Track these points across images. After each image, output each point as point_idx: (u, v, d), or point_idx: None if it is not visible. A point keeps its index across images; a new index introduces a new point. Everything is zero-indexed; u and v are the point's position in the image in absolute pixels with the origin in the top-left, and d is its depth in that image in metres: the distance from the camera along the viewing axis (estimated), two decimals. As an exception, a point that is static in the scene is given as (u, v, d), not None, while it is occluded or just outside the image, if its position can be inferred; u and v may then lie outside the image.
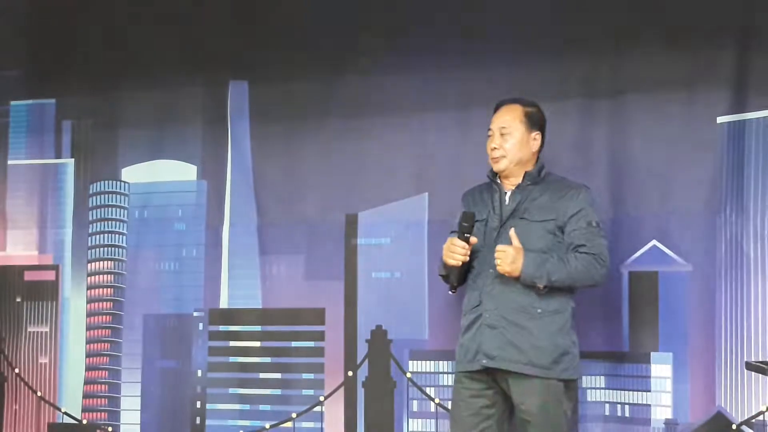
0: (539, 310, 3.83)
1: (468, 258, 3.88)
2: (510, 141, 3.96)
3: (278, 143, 5.01)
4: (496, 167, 3.98)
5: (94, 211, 5.29)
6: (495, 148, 3.96)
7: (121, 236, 5.25)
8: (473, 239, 3.87)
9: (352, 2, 4.90)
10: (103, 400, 5.24)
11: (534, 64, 4.57)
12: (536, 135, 4.00)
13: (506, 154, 3.96)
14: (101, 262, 5.28)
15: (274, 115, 5.02)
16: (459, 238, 3.87)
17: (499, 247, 3.82)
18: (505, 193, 3.98)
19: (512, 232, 3.84)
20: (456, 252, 3.87)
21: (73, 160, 5.35)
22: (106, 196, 5.28)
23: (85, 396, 5.27)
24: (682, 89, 4.36)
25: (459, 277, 3.93)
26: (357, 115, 4.88)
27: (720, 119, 4.30)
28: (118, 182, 5.27)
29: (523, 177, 3.97)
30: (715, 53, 4.31)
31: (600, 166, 4.48)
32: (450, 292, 3.98)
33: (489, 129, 4.01)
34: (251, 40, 5.04)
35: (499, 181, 4.00)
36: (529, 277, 3.79)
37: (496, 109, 4.04)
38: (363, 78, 4.85)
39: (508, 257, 3.78)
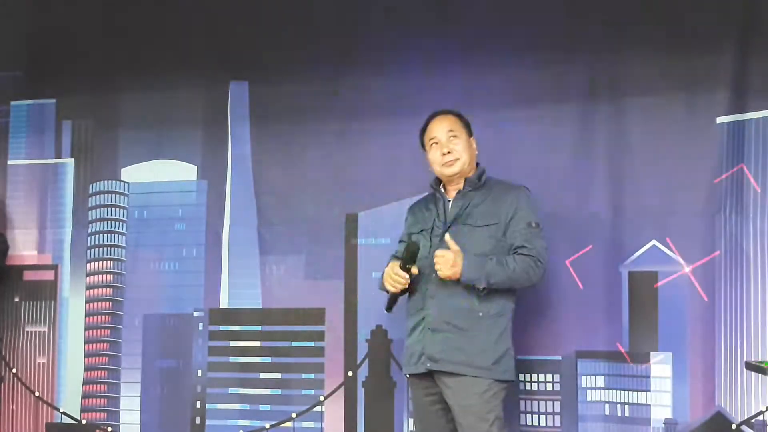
0: (481, 314, 3.92)
1: (407, 287, 3.98)
2: (459, 144, 4.09)
3: (278, 143, 5.02)
4: (450, 171, 4.07)
5: (94, 211, 5.29)
6: (448, 152, 4.06)
7: (120, 236, 5.25)
8: (414, 270, 3.97)
9: (352, 3, 4.91)
10: (102, 400, 5.23)
11: (534, 66, 4.59)
12: (473, 140, 4.14)
13: (459, 156, 4.08)
14: (101, 262, 5.27)
15: (274, 116, 5.03)
16: (401, 268, 3.94)
17: (438, 252, 3.90)
18: (449, 201, 4.09)
19: (447, 237, 3.93)
20: (397, 282, 3.95)
21: (72, 160, 5.34)
22: (106, 195, 5.28)
23: (85, 396, 5.26)
24: (682, 90, 4.38)
25: (395, 301, 4.03)
26: (357, 115, 4.88)
27: (720, 119, 4.32)
28: (118, 182, 5.27)
29: (464, 183, 4.07)
30: (714, 54, 4.33)
31: (600, 166, 4.49)
32: (385, 311, 4.07)
33: (431, 139, 4.10)
34: (251, 40, 5.05)
35: (442, 190, 4.11)
36: (469, 279, 3.87)
37: (430, 120, 4.15)
38: (363, 78, 4.86)
39: (448, 261, 3.87)
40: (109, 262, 5.26)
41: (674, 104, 4.39)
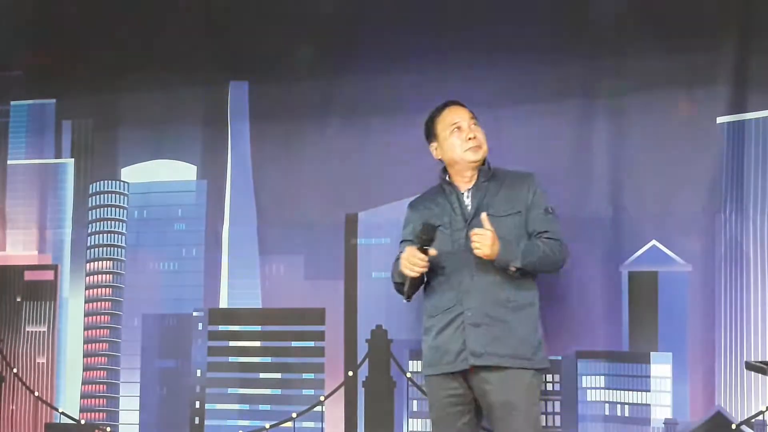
0: (517, 304, 3.88)
1: (427, 269, 3.87)
2: (481, 131, 4.04)
3: (278, 143, 5.02)
4: (475, 156, 3.98)
5: (94, 211, 5.29)
6: (474, 137, 3.99)
7: (120, 236, 5.25)
8: (432, 251, 3.86)
9: (352, 2, 4.91)
10: (101, 400, 5.23)
11: (534, 65, 4.59)
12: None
13: (482, 144, 4.03)
14: (100, 262, 5.27)
15: (274, 115, 5.03)
16: (419, 249, 3.84)
17: (476, 230, 3.82)
18: (462, 193, 4.01)
19: (484, 215, 3.85)
20: (416, 264, 3.84)
21: (72, 160, 5.35)
22: (106, 195, 5.28)
23: (84, 396, 5.26)
24: (682, 89, 4.38)
25: (415, 287, 3.94)
26: (357, 115, 4.89)
27: (720, 119, 4.32)
28: (118, 182, 5.27)
29: (478, 174, 4.01)
30: (714, 53, 4.33)
31: (600, 166, 4.49)
32: (405, 300, 3.97)
33: (453, 124, 4.00)
34: (251, 40, 5.05)
35: (452, 183, 4.04)
36: (504, 258, 3.82)
37: (446, 107, 4.08)
38: (363, 78, 4.86)
39: (488, 240, 3.78)
40: (108, 262, 5.26)
41: (674, 104, 4.39)
